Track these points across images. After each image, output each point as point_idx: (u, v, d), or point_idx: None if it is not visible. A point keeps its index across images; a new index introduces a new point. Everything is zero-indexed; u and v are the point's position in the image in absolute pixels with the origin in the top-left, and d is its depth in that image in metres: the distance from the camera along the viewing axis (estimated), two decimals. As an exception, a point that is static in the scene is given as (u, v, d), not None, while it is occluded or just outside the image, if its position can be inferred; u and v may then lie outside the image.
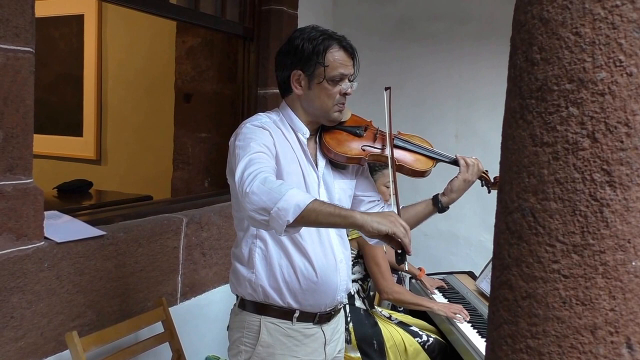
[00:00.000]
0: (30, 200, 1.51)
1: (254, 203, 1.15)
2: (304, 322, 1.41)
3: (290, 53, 1.39)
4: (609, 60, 0.57)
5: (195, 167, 2.81)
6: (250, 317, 1.40)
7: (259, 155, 1.25)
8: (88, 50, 3.54)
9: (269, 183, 1.16)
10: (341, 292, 1.45)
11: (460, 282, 2.59)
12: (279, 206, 1.12)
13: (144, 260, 1.91)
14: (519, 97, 0.66)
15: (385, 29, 3.15)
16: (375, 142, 1.47)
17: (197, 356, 2.20)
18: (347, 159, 1.43)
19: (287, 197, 1.12)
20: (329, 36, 1.37)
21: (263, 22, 2.65)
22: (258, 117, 1.41)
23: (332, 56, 1.35)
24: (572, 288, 0.59)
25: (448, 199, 1.47)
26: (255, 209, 1.15)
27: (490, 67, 2.93)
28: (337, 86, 1.37)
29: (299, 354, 1.41)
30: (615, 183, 0.57)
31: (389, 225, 1.12)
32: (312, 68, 1.36)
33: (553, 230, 0.60)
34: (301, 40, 1.37)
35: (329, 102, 1.37)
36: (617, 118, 0.57)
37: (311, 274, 1.37)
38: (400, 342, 2.11)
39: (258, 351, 1.38)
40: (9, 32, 1.42)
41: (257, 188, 1.15)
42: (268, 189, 1.15)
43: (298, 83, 1.39)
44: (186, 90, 2.82)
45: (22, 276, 1.50)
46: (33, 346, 1.54)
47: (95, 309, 1.73)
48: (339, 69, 1.36)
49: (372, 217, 1.14)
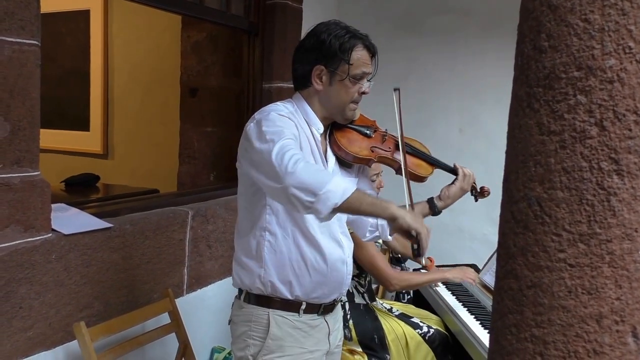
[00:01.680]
0: (38, 193, 1.52)
1: (302, 182, 1.15)
2: (310, 314, 1.42)
3: (315, 48, 1.38)
4: (618, 47, 0.56)
5: (201, 161, 2.82)
6: (258, 310, 1.40)
7: (290, 142, 1.25)
8: (94, 45, 3.55)
9: (313, 166, 1.20)
10: (346, 286, 1.47)
11: None
12: (329, 188, 1.14)
13: (151, 252, 1.92)
14: (526, 86, 0.65)
15: (390, 23, 3.14)
16: (383, 144, 1.48)
17: (203, 347, 2.22)
18: (357, 159, 1.44)
19: (334, 181, 1.15)
20: (354, 35, 1.38)
21: (268, 16, 2.64)
22: (276, 106, 1.39)
23: (357, 54, 1.36)
24: (578, 277, 0.59)
25: (443, 204, 1.51)
26: (301, 187, 1.15)
27: (494, 60, 2.92)
28: (357, 85, 1.38)
29: (306, 345, 1.42)
30: (623, 172, 0.56)
31: (418, 225, 1.17)
32: (336, 64, 1.36)
33: (559, 220, 0.60)
34: (328, 35, 1.36)
35: (347, 100, 1.38)
36: (625, 106, 0.56)
37: (322, 266, 1.38)
38: (402, 334, 2.11)
39: (268, 344, 1.38)
40: (14, 25, 1.42)
41: (303, 168, 1.16)
42: (314, 170, 1.18)
43: (319, 78, 1.38)
44: (192, 85, 2.82)
45: (30, 267, 1.51)
46: (42, 336, 1.56)
47: (103, 299, 1.74)
48: (362, 67, 1.37)
49: (405, 213, 1.19)
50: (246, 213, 1.43)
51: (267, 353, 1.39)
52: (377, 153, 1.45)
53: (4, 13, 1.39)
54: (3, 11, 1.38)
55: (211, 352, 2.29)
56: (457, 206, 2.94)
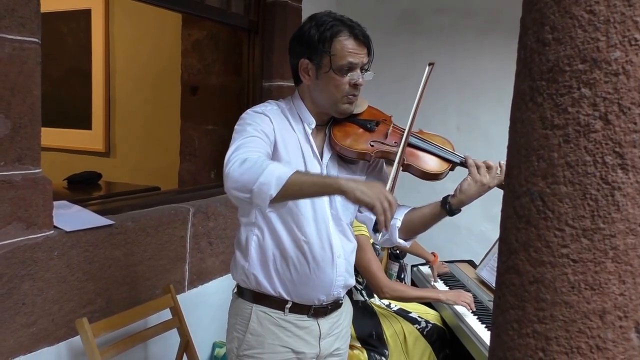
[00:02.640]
0: (39, 190, 1.52)
1: (236, 181, 1.11)
2: (297, 314, 1.38)
3: (298, 40, 1.34)
4: (623, 39, 0.55)
5: (202, 159, 2.82)
6: (244, 304, 1.40)
7: (251, 140, 1.22)
8: (96, 44, 3.56)
9: (248, 161, 1.12)
10: (338, 288, 1.40)
11: (461, 271, 2.62)
12: (261, 180, 1.08)
13: (152, 249, 1.92)
14: (529, 79, 0.65)
15: (389, 22, 3.13)
16: (386, 138, 1.36)
17: (205, 342, 2.23)
18: (352, 152, 1.34)
19: (267, 171, 1.09)
20: (341, 22, 1.29)
21: (268, 15, 2.64)
22: (262, 104, 1.38)
23: (340, 44, 1.27)
24: (581, 272, 0.58)
25: (457, 201, 1.35)
26: (236, 187, 1.12)
27: (493, 60, 2.94)
28: (346, 76, 1.28)
29: (290, 344, 1.38)
30: (628, 166, 0.56)
31: (371, 197, 1.07)
32: (318, 57, 1.28)
33: (562, 215, 0.59)
34: (309, 26, 1.30)
35: (337, 93, 1.30)
36: (631, 99, 0.55)
37: (304, 266, 1.34)
38: (400, 330, 2.12)
39: (248, 338, 1.37)
40: (14, 22, 1.42)
41: (237, 167, 1.12)
42: (248, 166, 1.11)
43: (306, 72, 1.33)
44: (192, 83, 2.83)
45: (32, 264, 1.51)
46: (44, 332, 1.56)
47: (105, 296, 1.74)
48: (348, 57, 1.27)
49: (357, 186, 1.09)
50: (240, 208, 1.42)
51: (247, 348, 1.37)
52: (377, 148, 1.34)
53: (4, 10, 1.38)
54: (3, 8, 1.38)
55: (212, 347, 2.29)
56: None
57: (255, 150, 1.19)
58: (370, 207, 1.08)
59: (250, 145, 1.20)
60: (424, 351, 2.12)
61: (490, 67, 2.94)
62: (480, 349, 1.82)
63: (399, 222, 1.42)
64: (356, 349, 2.08)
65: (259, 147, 1.22)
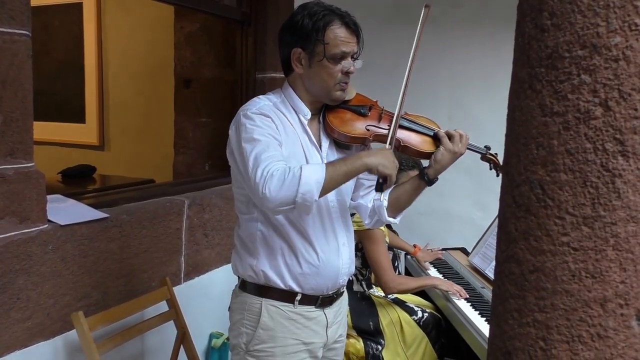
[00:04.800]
0: (32, 184, 1.50)
1: (275, 200, 1.17)
2: (306, 305, 1.39)
3: (290, 29, 1.34)
4: (623, 24, 0.54)
5: (196, 151, 2.81)
6: (252, 299, 1.39)
7: (265, 149, 1.23)
8: (88, 38, 3.52)
9: (278, 176, 1.17)
10: (343, 276, 1.43)
11: (454, 258, 2.64)
12: (301, 191, 1.16)
13: (148, 242, 1.91)
14: (528, 66, 0.64)
15: (381, 12, 3.13)
16: (380, 122, 1.42)
17: (201, 333, 2.23)
18: (351, 138, 1.39)
19: (303, 180, 1.16)
20: (331, 12, 1.31)
21: (260, 6, 2.63)
22: (255, 102, 1.36)
23: (333, 33, 1.29)
24: (582, 261, 0.58)
25: (433, 171, 1.43)
26: (278, 205, 1.18)
27: (483, 49, 2.96)
28: (339, 64, 1.31)
29: (300, 337, 1.39)
30: (628, 152, 0.55)
31: (390, 169, 1.26)
32: (311, 45, 1.30)
33: (563, 203, 0.59)
34: (301, 16, 1.31)
35: (330, 81, 1.32)
36: (631, 85, 0.54)
37: (313, 257, 1.35)
38: (397, 320, 2.14)
39: (259, 334, 1.37)
40: (4, 14, 1.39)
41: (271, 187, 1.17)
42: (280, 182, 1.17)
43: (298, 61, 1.34)
44: (185, 76, 2.81)
45: (27, 258, 1.50)
46: (40, 326, 1.55)
47: (101, 289, 1.74)
48: (340, 46, 1.29)
49: (377, 159, 1.25)
50: (240, 203, 1.41)
51: (258, 342, 1.37)
52: (373, 131, 1.40)
53: (-7, 2, 1.36)
54: (-8, 0, 1.36)
55: (209, 338, 2.30)
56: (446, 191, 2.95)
57: (274, 160, 1.22)
58: (388, 176, 1.27)
59: (267, 155, 1.22)
60: (421, 341, 2.14)
61: (480, 55, 2.96)
62: (475, 335, 1.84)
63: (386, 202, 1.48)
64: (352, 338, 2.09)
65: (276, 154, 1.24)
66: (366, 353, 2.08)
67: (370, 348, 2.09)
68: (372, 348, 2.09)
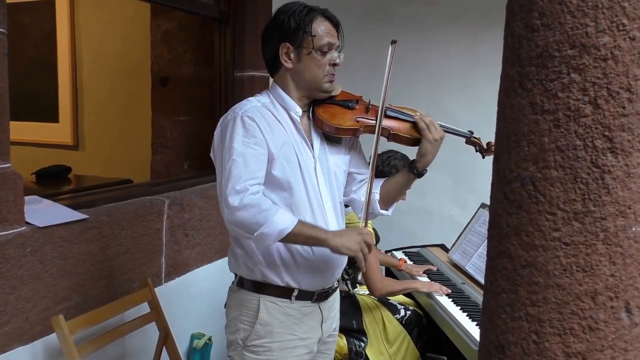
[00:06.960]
0: (9, 185, 1.46)
1: (238, 220, 1.24)
2: (303, 301, 1.41)
3: (276, 28, 1.38)
4: (612, 25, 0.56)
5: (174, 150, 2.77)
6: (249, 295, 1.40)
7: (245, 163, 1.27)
8: (61, 36, 3.44)
9: (253, 207, 1.23)
10: (338, 270, 1.46)
11: (434, 255, 2.67)
12: (263, 231, 1.23)
13: (128, 243, 1.88)
14: (518, 65, 0.65)
15: (358, 10, 3.15)
16: (368, 113, 1.46)
17: (184, 334, 2.21)
18: (342, 130, 1.43)
19: (271, 223, 1.22)
20: (312, 9, 1.38)
21: (239, 4, 2.60)
22: (243, 104, 1.37)
23: (318, 26, 1.36)
24: (573, 255, 0.59)
25: (422, 163, 1.46)
26: (238, 227, 1.26)
27: (460, 47, 3.00)
28: (326, 56, 1.37)
29: (297, 332, 1.41)
30: (617, 149, 0.57)
31: (354, 250, 1.26)
32: (299, 39, 1.35)
33: (554, 199, 0.60)
34: (284, 15, 1.37)
35: (319, 73, 1.37)
36: (619, 83, 0.56)
37: (308, 252, 1.37)
38: (380, 318, 2.16)
39: (257, 329, 1.38)
40: (-22, 10, 1.35)
41: (242, 210, 1.23)
42: (252, 213, 1.23)
43: (287, 56, 1.37)
44: (162, 74, 2.76)
45: (4, 262, 1.46)
46: (19, 331, 1.51)
47: (81, 291, 1.70)
48: (326, 38, 1.36)
49: (342, 240, 1.26)
50: None
51: (256, 338, 1.38)
52: (363, 122, 1.44)
53: (-34, -4, 1.31)
54: (-35, -6, 1.31)
55: (190, 339, 2.27)
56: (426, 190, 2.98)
57: (253, 178, 1.27)
58: (353, 256, 1.28)
59: (247, 171, 1.26)
60: (403, 339, 2.17)
61: (457, 54, 3.00)
62: (457, 330, 1.87)
63: (378, 195, 1.51)
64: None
65: (255, 170, 1.28)
66: (349, 350, 2.09)
67: (354, 345, 2.10)
68: (355, 345, 2.10)
